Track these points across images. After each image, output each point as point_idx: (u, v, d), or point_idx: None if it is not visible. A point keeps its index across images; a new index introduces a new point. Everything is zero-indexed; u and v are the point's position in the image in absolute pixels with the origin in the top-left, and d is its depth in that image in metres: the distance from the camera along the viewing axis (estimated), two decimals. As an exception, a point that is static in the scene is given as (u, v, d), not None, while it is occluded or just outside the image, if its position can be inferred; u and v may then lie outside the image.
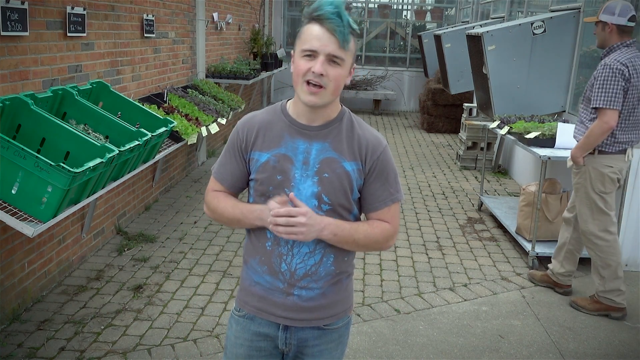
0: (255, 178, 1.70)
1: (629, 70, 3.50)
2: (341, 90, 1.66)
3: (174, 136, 4.80)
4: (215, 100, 6.33)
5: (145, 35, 5.25)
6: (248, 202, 1.76)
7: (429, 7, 13.71)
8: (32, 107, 3.16)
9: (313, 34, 1.57)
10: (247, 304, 1.78)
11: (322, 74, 1.56)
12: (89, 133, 3.50)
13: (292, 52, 1.66)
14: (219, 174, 1.78)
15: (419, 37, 11.55)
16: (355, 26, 1.60)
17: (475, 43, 6.21)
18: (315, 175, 1.64)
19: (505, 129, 5.14)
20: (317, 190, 1.65)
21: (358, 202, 1.74)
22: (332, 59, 1.57)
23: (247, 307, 1.78)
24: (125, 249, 4.55)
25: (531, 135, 4.61)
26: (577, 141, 3.75)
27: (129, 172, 3.76)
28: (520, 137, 4.77)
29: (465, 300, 3.98)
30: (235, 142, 1.74)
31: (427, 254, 4.77)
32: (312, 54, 1.57)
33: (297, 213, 1.58)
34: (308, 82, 1.58)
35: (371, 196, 1.71)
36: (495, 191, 6.69)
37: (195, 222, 5.20)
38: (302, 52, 1.59)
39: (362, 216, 1.80)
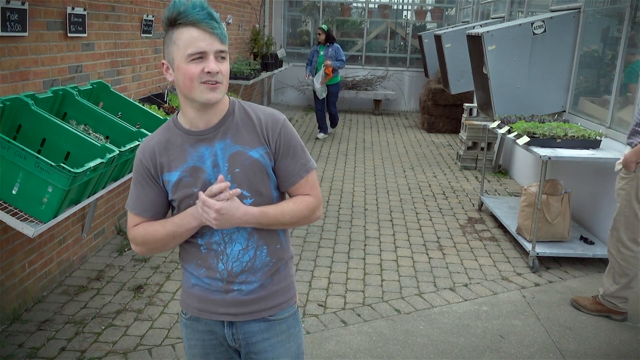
0: (173, 198, 1.71)
1: None
2: None
3: (175, 136, 4.79)
4: (215, 100, 6.31)
5: (146, 35, 5.25)
6: None
7: (429, 7, 13.71)
8: (32, 107, 3.16)
9: (194, 37, 1.58)
10: (189, 306, 1.80)
11: (217, 72, 1.60)
12: (89, 133, 3.50)
13: (162, 62, 1.67)
14: (137, 208, 1.73)
15: (419, 37, 11.54)
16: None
17: (475, 43, 6.20)
18: (228, 173, 1.65)
19: (505, 128, 5.14)
20: (234, 188, 1.66)
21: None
22: (219, 55, 1.61)
23: (190, 309, 1.80)
24: (126, 249, 4.55)
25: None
26: (632, 146, 3.54)
27: (129, 173, 3.76)
28: (518, 136, 4.77)
29: (465, 300, 3.98)
30: (142, 171, 1.71)
31: (427, 254, 4.77)
32: (201, 56, 1.58)
33: (210, 206, 1.58)
34: (204, 82, 1.60)
35: (285, 172, 1.73)
36: (496, 191, 6.69)
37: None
38: (188, 57, 1.58)
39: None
